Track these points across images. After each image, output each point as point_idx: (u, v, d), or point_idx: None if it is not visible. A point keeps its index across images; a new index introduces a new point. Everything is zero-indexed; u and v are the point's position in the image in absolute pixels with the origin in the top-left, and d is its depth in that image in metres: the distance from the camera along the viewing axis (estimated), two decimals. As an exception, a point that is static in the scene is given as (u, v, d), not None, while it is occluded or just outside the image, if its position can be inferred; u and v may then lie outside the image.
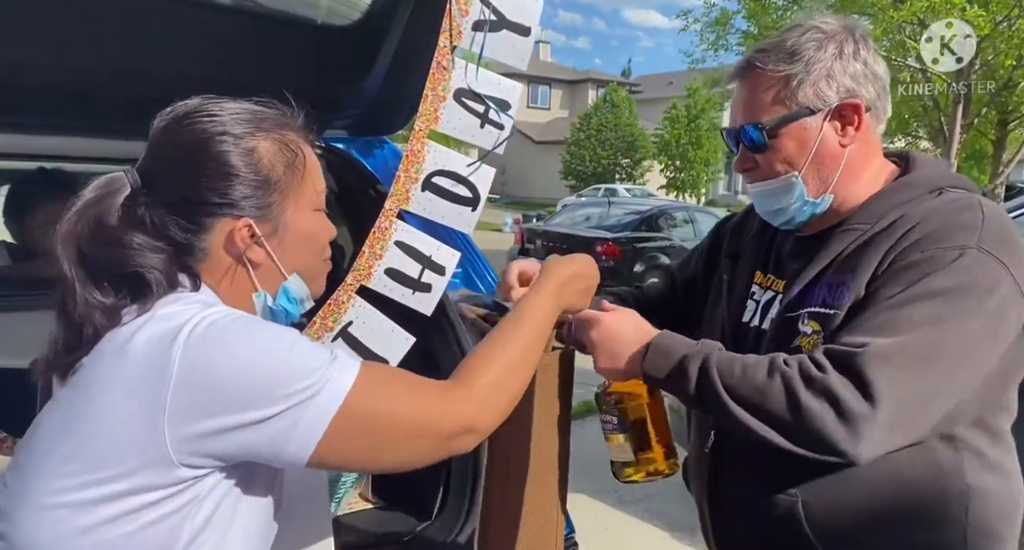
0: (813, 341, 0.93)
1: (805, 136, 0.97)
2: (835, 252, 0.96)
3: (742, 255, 1.15)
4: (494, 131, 1.67)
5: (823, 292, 0.94)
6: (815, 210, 1.01)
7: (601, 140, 26.25)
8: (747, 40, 9.58)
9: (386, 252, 1.57)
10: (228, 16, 1.66)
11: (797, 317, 0.96)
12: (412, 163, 1.58)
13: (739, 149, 1.03)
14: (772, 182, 1.01)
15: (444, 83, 1.59)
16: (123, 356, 0.69)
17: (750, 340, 1.05)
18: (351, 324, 1.53)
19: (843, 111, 0.97)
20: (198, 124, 0.80)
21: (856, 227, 0.96)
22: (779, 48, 0.97)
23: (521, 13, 1.66)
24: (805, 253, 1.03)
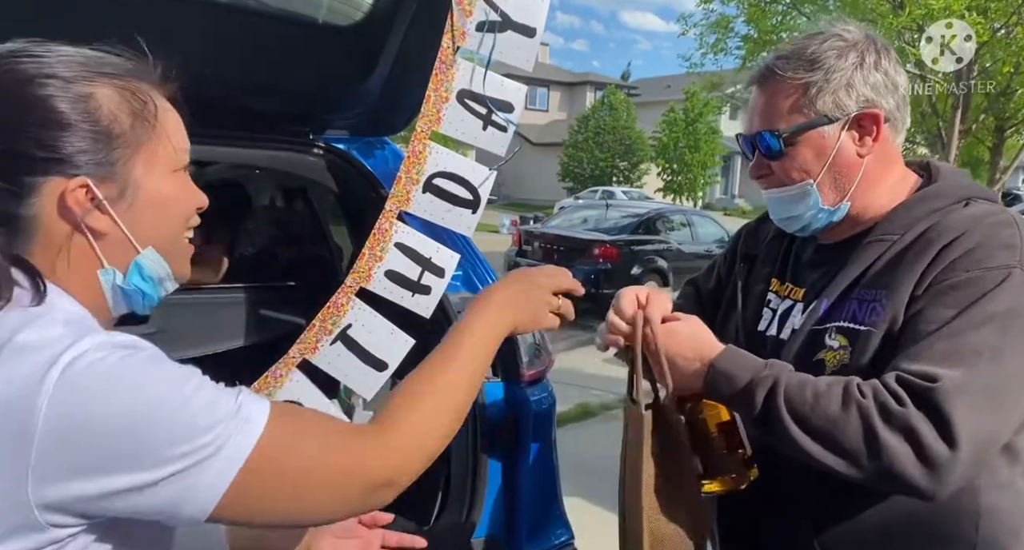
0: (839, 356, 0.91)
1: (822, 144, 0.96)
2: (864, 264, 0.95)
3: (758, 260, 1.13)
4: (497, 133, 1.66)
5: (853, 307, 0.93)
6: (831, 218, 1.00)
7: (599, 142, 26.25)
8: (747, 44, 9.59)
9: (386, 254, 1.56)
10: (230, 15, 1.64)
11: (824, 330, 0.94)
12: (413, 164, 1.57)
13: (754, 155, 1.02)
14: (787, 189, 1.00)
15: (447, 84, 1.57)
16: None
17: (767, 350, 1.02)
18: (350, 327, 1.52)
19: (861, 121, 0.96)
20: (19, 65, 0.65)
21: (884, 238, 0.95)
22: (800, 55, 0.96)
23: (526, 14, 1.64)
24: (827, 262, 1.01)
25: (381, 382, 1.54)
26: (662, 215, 9.54)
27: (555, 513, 1.66)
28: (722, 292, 1.21)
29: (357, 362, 1.52)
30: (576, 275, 4.12)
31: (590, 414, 5.13)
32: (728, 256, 1.24)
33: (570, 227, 9.37)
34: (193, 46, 1.62)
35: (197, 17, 1.61)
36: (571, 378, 5.64)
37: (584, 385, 5.58)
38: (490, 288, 0.86)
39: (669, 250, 8.91)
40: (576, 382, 5.59)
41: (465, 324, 0.80)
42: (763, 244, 1.14)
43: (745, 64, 9.73)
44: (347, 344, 1.51)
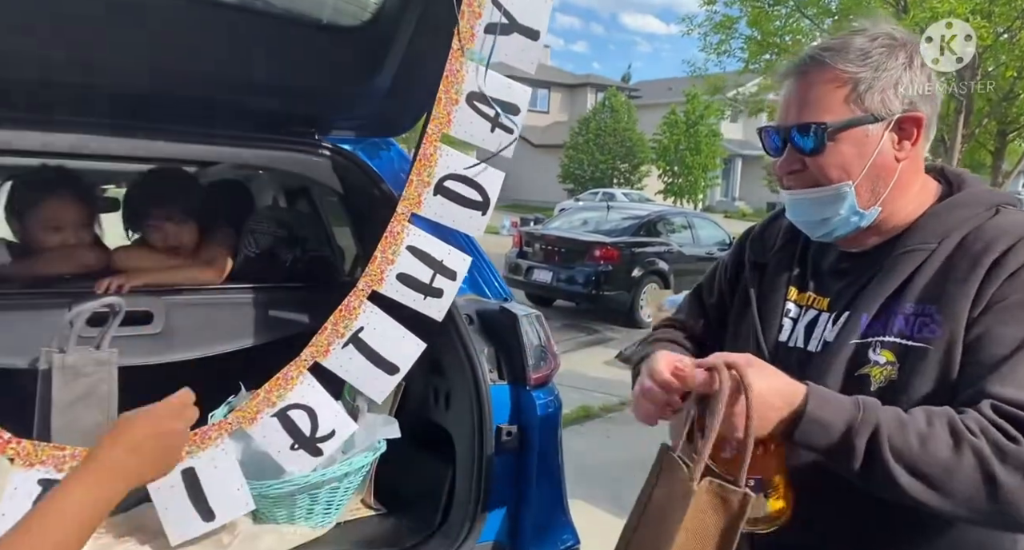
0: (886, 372, 0.88)
1: (865, 144, 0.92)
2: (902, 275, 0.91)
3: (768, 268, 1.08)
4: (504, 135, 1.65)
5: (898, 321, 0.89)
6: (860, 223, 0.96)
7: (600, 144, 26.23)
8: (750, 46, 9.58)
9: (398, 257, 1.55)
10: (238, 15, 1.63)
11: (867, 345, 0.90)
12: (424, 167, 1.56)
13: (785, 150, 0.96)
14: (822, 190, 0.94)
15: (457, 86, 1.57)
16: None
17: (793, 362, 0.97)
18: (362, 330, 1.51)
19: (903, 123, 0.92)
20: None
21: (920, 247, 0.92)
22: (849, 48, 0.91)
23: (530, 16, 1.64)
24: (854, 271, 0.98)
25: (392, 386, 1.53)
26: (663, 217, 9.52)
27: (561, 518, 1.65)
28: (725, 304, 1.17)
29: (368, 365, 1.50)
30: (577, 277, 4.16)
31: (591, 416, 5.13)
32: (731, 265, 1.19)
33: (571, 229, 9.35)
34: (200, 46, 1.62)
35: (205, 18, 1.60)
36: (572, 380, 5.63)
37: (585, 387, 5.57)
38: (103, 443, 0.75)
39: (670, 252, 8.89)
40: (577, 384, 5.59)
41: (63, 486, 0.71)
42: (772, 251, 1.09)
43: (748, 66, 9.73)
44: (359, 347, 1.50)
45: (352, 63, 1.78)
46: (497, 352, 1.65)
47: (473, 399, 1.57)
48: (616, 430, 4.84)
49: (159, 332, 1.72)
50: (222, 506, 1.43)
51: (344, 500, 1.64)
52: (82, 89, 1.61)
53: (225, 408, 1.70)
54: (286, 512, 1.55)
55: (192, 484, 1.42)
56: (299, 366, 1.47)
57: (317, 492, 1.55)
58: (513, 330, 1.63)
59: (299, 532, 1.55)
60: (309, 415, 1.47)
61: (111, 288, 1.70)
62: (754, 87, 11.21)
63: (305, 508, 1.56)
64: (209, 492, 1.42)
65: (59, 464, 1.32)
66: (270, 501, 1.50)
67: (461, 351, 1.63)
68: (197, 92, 1.71)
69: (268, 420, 1.43)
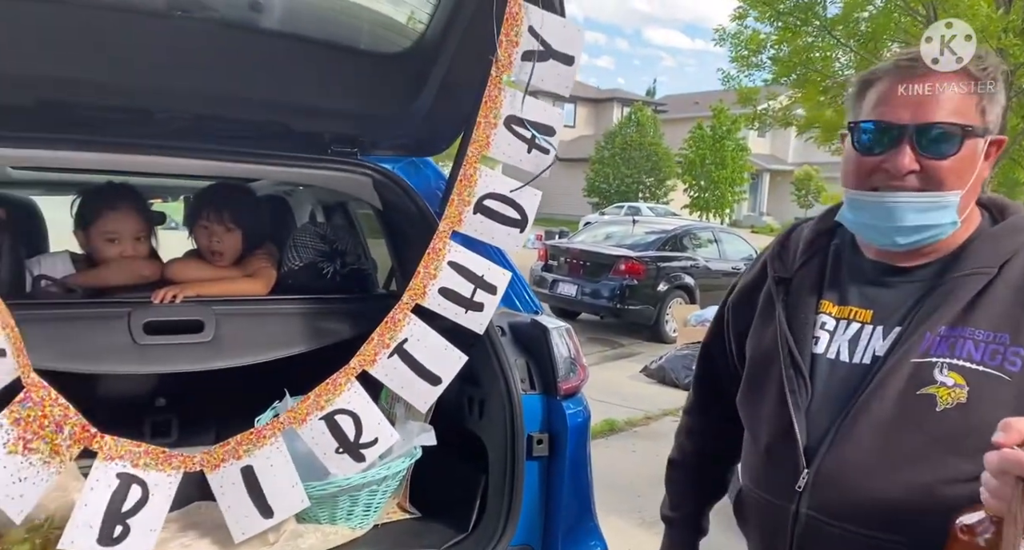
0: (954, 394, 0.87)
1: (976, 156, 0.90)
2: (964, 299, 0.90)
3: (794, 282, 1.06)
4: (540, 155, 1.74)
5: (968, 346, 0.88)
6: (943, 236, 0.93)
7: (625, 158, 26.28)
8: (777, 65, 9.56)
9: (440, 272, 1.62)
10: (289, 44, 1.75)
11: (932, 364, 0.89)
12: (465, 187, 1.65)
13: (902, 146, 0.91)
14: (933, 195, 0.91)
15: (495, 110, 1.65)
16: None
17: (837, 374, 0.97)
18: (406, 341, 1.58)
19: (991, 144, 0.93)
20: None
21: (980, 271, 0.91)
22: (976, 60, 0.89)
23: (566, 43, 1.72)
24: (903, 287, 0.97)
25: (435, 396, 1.60)
26: (689, 232, 9.52)
27: (589, 524, 1.71)
28: (725, 343, 1.17)
29: (412, 375, 1.58)
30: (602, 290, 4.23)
31: (616, 430, 5.15)
32: (743, 293, 1.16)
33: (596, 242, 9.40)
34: (253, 73, 1.74)
35: (257, 46, 1.72)
36: (597, 394, 5.65)
37: (609, 401, 5.59)
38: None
39: (696, 267, 8.88)
40: (602, 398, 5.61)
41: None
42: (794, 267, 1.07)
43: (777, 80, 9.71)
44: (403, 358, 1.57)
45: (394, 87, 1.89)
46: (528, 363, 1.72)
47: (506, 408, 1.64)
48: (641, 444, 4.85)
49: (209, 340, 1.82)
50: (279, 503, 1.51)
51: (382, 503, 1.71)
52: (144, 113, 1.74)
53: (271, 413, 1.80)
54: (328, 513, 1.63)
55: (251, 482, 1.50)
56: (347, 373, 1.56)
57: (357, 494, 1.63)
58: (544, 342, 1.70)
59: (340, 532, 1.63)
60: (354, 421, 1.55)
61: (166, 298, 1.82)
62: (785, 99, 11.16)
63: (346, 509, 1.64)
64: (267, 489, 1.50)
65: (135, 460, 1.42)
66: (314, 502, 1.58)
67: (495, 362, 1.70)
68: (249, 115, 1.83)
69: (316, 423, 1.52)
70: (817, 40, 9.21)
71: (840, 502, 0.93)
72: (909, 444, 0.90)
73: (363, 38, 1.86)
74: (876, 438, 0.91)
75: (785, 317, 1.03)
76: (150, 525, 1.42)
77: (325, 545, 1.59)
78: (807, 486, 0.95)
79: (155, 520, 1.43)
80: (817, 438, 0.96)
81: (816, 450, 0.95)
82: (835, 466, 0.93)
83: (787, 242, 1.12)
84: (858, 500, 0.91)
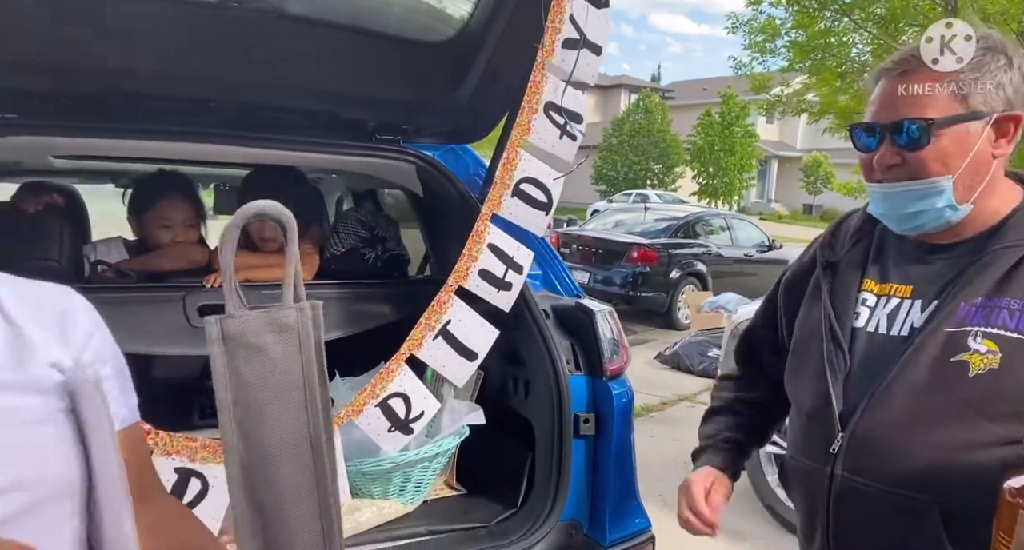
0: (987, 360, 0.92)
1: (966, 140, 0.96)
2: (1001, 269, 0.95)
3: (840, 266, 1.12)
4: (569, 142, 1.78)
5: (1002, 315, 0.93)
6: (952, 218, 0.99)
7: (633, 145, 26.18)
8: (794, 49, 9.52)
9: (481, 254, 1.68)
10: (336, 33, 1.78)
11: (966, 333, 0.94)
12: (507, 171, 1.69)
13: (883, 144, 0.99)
14: (920, 183, 0.98)
15: (538, 96, 1.69)
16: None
17: (875, 346, 1.02)
18: (449, 322, 1.64)
19: (1002, 122, 0.96)
20: None
21: (1018, 243, 0.96)
22: None
23: (599, 34, 1.76)
24: (941, 263, 1.01)
25: (472, 371, 1.66)
26: (701, 218, 9.51)
27: (634, 501, 1.76)
28: (775, 324, 1.21)
29: (453, 354, 1.63)
30: (614, 278, 4.25)
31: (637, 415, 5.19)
32: (794, 277, 1.21)
33: (607, 230, 9.41)
34: (300, 63, 1.78)
35: (310, 36, 1.75)
36: (613, 379, 5.72)
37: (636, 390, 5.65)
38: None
39: (708, 254, 8.88)
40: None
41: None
42: (843, 252, 1.13)
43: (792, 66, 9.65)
44: (447, 339, 1.63)
45: (437, 76, 1.92)
46: (573, 345, 1.77)
47: (553, 388, 1.69)
48: (658, 429, 4.90)
49: (259, 324, 1.86)
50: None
51: (431, 480, 1.77)
52: (197, 102, 1.78)
53: (320, 394, 1.85)
54: (382, 489, 1.69)
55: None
56: (398, 359, 1.61)
57: (409, 471, 1.68)
58: (590, 325, 1.75)
59: (393, 507, 1.69)
60: (404, 401, 1.60)
61: (216, 283, 1.87)
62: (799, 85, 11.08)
63: (398, 485, 1.69)
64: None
65: (192, 454, 1.45)
66: (368, 478, 1.64)
67: (540, 343, 1.74)
68: (297, 103, 1.87)
69: (372, 409, 1.57)
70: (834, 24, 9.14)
71: (872, 463, 0.97)
72: (941, 408, 0.93)
73: (408, 27, 1.89)
74: (909, 403, 0.95)
75: (829, 296, 1.09)
76: (212, 516, 1.45)
77: (380, 519, 1.65)
78: (841, 449, 1.00)
79: (216, 510, 1.45)
80: (853, 404, 1.00)
81: (851, 415, 1.00)
82: (868, 429, 0.98)
83: (838, 230, 1.18)
84: (889, 461, 0.95)
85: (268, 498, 0.60)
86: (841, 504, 1.01)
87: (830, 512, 1.03)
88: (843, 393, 1.02)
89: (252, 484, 0.60)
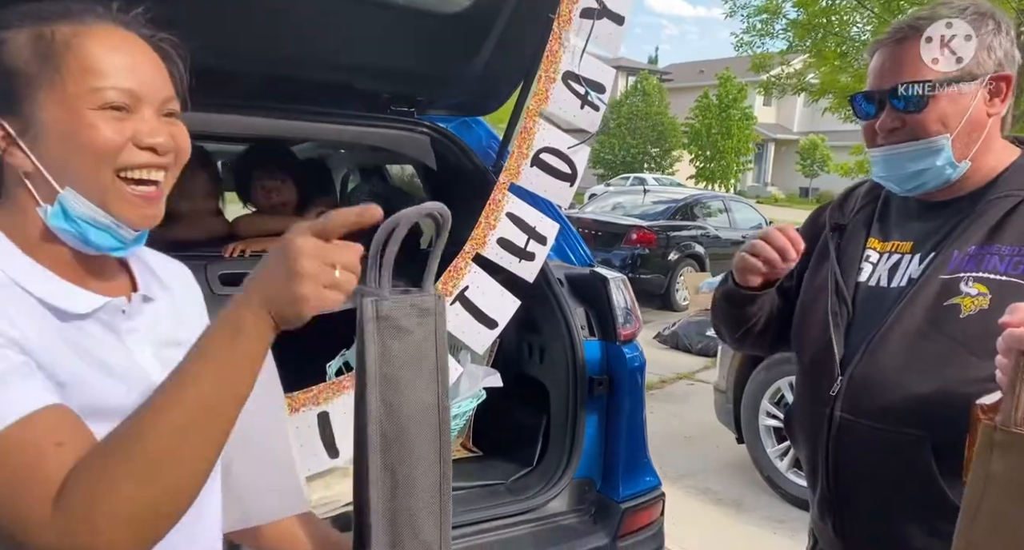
0: (978, 302, 0.98)
1: (961, 101, 1.01)
2: (993, 218, 1.01)
3: (847, 228, 1.18)
4: (591, 112, 1.81)
5: (993, 260, 0.99)
6: (952, 175, 1.05)
7: (631, 129, 26.11)
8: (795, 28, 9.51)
9: (499, 222, 1.71)
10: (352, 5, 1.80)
11: (958, 279, 1.00)
12: (525, 140, 1.72)
13: (883, 110, 1.05)
14: (921, 142, 1.03)
15: (555, 65, 1.72)
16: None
17: (875, 297, 1.08)
18: (467, 289, 1.68)
19: (995, 82, 1.02)
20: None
21: (1012, 194, 1.02)
22: (939, 17, 1.02)
23: (619, 3, 1.78)
24: (940, 218, 1.06)
25: (492, 339, 1.71)
26: (699, 201, 9.56)
27: (644, 460, 1.82)
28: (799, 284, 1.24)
29: (472, 320, 1.68)
30: (613, 260, 4.32)
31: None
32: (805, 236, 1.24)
33: (607, 212, 9.44)
34: (324, 33, 1.80)
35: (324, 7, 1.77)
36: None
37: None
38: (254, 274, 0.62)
39: (706, 236, 8.94)
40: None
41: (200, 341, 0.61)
42: (851, 214, 1.19)
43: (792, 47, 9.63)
44: (464, 305, 1.67)
45: (452, 47, 1.94)
46: (587, 312, 1.82)
47: (568, 353, 1.74)
48: (657, 406, 4.99)
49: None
50: (345, 446, 1.62)
51: (449, 441, 1.83)
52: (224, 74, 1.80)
53: (339, 360, 1.90)
54: (401, 449, 1.75)
55: (325, 426, 1.61)
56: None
57: (429, 432, 1.74)
58: (604, 292, 1.80)
59: (413, 467, 1.75)
60: None
61: (235, 252, 1.90)
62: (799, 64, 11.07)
63: (418, 446, 1.75)
64: (337, 433, 1.61)
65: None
66: (389, 439, 1.69)
67: (556, 310, 1.79)
68: (315, 75, 1.89)
69: None
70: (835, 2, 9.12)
71: (868, 403, 1.03)
72: (934, 349, 0.99)
73: (423, -1, 1.91)
74: (904, 346, 1.01)
75: (835, 255, 1.16)
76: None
77: (401, 478, 1.71)
78: (840, 392, 1.06)
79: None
80: (852, 350, 1.06)
81: (851, 360, 1.06)
82: (866, 371, 1.04)
83: (850, 195, 1.25)
84: (884, 400, 1.01)
85: (401, 467, 0.67)
86: (840, 443, 1.07)
87: (830, 451, 1.08)
88: (843, 341, 1.08)
89: (389, 452, 0.66)
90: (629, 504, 1.71)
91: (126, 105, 0.69)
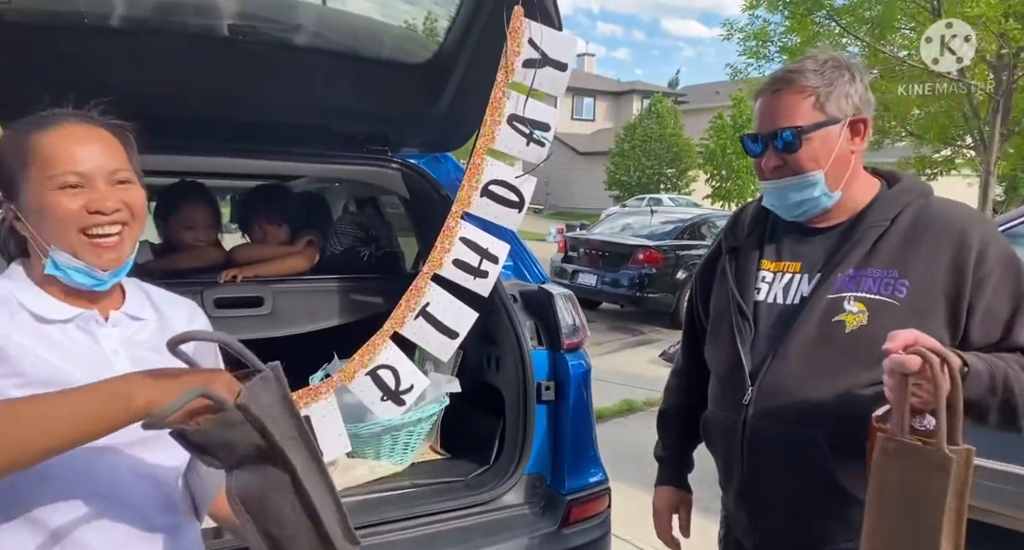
0: (858, 319, 1.15)
1: (829, 141, 1.19)
2: (867, 245, 1.18)
3: (741, 250, 1.33)
4: (536, 147, 2.04)
5: (867, 281, 1.16)
6: (828, 203, 1.22)
7: (646, 150, 26.32)
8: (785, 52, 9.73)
9: (453, 246, 1.94)
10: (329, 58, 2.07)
11: (842, 298, 1.17)
12: (473, 174, 1.96)
13: (767, 150, 1.22)
14: (800, 177, 1.20)
15: (500, 110, 1.96)
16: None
17: (774, 314, 1.24)
18: (428, 304, 1.90)
19: (854, 124, 1.20)
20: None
21: (879, 224, 1.19)
22: (807, 69, 1.19)
23: (560, 52, 2.02)
24: (821, 242, 1.24)
25: (454, 348, 1.92)
26: (707, 220, 9.62)
27: (591, 455, 2.01)
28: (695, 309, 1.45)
29: (434, 332, 1.89)
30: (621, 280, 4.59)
31: (634, 409, 5.38)
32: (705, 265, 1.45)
33: (614, 233, 9.58)
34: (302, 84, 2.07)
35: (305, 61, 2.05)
36: (617, 377, 5.92)
37: (628, 384, 5.83)
38: None
39: (714, 254, 9.02)
40: (621, 381, 5.86)
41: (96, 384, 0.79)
42: (743, 237, 1.35)
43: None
44: (427, 319, 1.89)
45: (418, 92, 2.20)
46: (536, 324, 2.03)
47: (518, 361, 1.95)
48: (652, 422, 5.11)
49: (268, 313, 2.15)
50: (328, 447, 1.80)
51: (417, 443, 2.04)
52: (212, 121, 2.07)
53: (322, 372, 2.13)
54: (373, 450, 1.96)
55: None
56: (383, 335, 1.88)
57: (397, 434, 1.95)
58: (550, 306, 2.01)
59: (384, 466, 1.96)
60: (393, 373, 1.87)
61: (229, 278, 2.16)
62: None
63: (388, 447, 1.97)
64: (319, 435, 1.80)
65: None
66: (361, 441, 1.91)
67: (508, 324, 2.00)
68: (297, 120, 2.16)
69: (363, 378, 1.84)
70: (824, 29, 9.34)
71: (775, 407, 1.19)
72: (826, 359, 1.16)
73: (391, 51, 2.18)
74: (801, 356, 1.18)
75: (734, 276, 1.31)
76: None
77: (372, 476, 1.92)
78: (751, 400, 1.21)
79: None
80: (759, 362, 1.23)
81: (758, 371, 1.21)
82: (772, 381, 1.19)
83: (738, 219, 1.41)
84: (787, 404, 1.17)
85: None
86: (753, 447, 1.21)
87: (744, 455, 1.23)
88: (750, 355, 1.25)
89: None
90: (574, 496, 1.89)
91: (79, 183, 0.92)
